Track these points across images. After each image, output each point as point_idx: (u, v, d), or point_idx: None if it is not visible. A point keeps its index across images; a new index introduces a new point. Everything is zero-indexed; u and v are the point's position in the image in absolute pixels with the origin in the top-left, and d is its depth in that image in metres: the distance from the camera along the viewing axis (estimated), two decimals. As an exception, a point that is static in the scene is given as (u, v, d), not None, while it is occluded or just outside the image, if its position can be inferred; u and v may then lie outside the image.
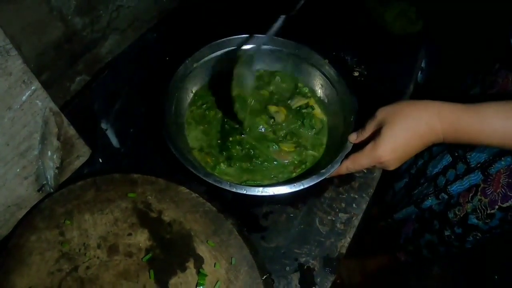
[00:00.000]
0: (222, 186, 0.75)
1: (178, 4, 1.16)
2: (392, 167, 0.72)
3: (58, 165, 0.77)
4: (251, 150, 0.88)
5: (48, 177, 0.76)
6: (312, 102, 0.97)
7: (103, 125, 0.91)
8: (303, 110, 0.95)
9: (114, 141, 0.89)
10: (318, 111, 0.96)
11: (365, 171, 0.90)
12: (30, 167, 0.73)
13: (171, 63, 0.92)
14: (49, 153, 0.75)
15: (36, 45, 0.83)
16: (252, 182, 0.84)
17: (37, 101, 0.71)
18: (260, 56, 0.98)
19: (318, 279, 0.78)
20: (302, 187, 0.77)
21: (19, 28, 0.77)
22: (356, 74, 1.06)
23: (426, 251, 1.22)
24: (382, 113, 0.71)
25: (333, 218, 0.84)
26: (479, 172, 0.94)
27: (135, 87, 0.98)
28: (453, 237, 1.06)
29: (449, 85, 1.23)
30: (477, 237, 1.00)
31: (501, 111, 0.63)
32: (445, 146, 1.07)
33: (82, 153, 0.83)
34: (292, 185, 0.77)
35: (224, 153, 0.87)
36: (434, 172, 1.12)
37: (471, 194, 0.97)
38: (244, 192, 0.75)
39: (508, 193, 0.88)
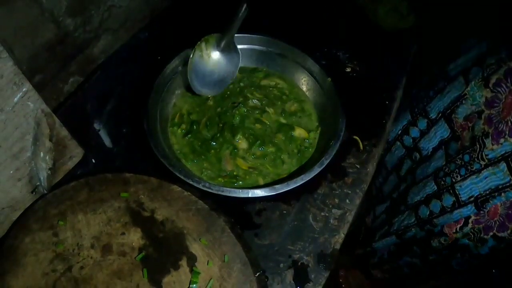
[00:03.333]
0: (200, 187, 0.78)
1: (170, 3, 1.16)
2: None
3: (51, 166, 0.77)
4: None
5: (41, 178, 0.76)
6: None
7: (96, 126, 0.91)
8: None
9: (107, 141, 0.89)
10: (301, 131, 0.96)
11: (358, 166, 0.90)
12: (23, 168, 0.73)
13: (163, 62, 0.93)
14: (42, 154, 0.75)
15: (29, 47, 0.83)
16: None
17: (29, 103, 0.71)
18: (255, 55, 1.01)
19: (313, 275, 0.78)
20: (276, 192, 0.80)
21: (11, 30, 0.77)
22: (349, 69, 1.06)
23: (407, 270, 1.18)
24: None
25: (327, 214, 0.84)
26: (473, 207, 0.90)
27: (127, 87, 0.98)
28: (440, 259, 1.03)
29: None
30: (465, 257, 0.97)
31: None
32: (431, 172, 1.04)
33: (75, 153, 0.83)
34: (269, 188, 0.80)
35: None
36: (416, 200, 1.08)
37: (459, 225, 0.94)
38: (222, 193, 0.78)
39: (506, 223, 0.85)
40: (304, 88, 1.01)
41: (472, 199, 0.91)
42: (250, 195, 0.78)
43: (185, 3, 1.17)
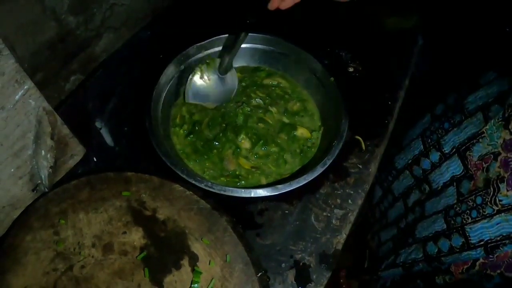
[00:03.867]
0: (202, 186, 0.78)
1: (172, 2, 1.16)
2: None
3: (52, 165, 0.77)
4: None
5: (43, 176, 0.76)
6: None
7: (98, 124, 0.91)
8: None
9: (109, 139, 0.89)
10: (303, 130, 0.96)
11: (360, 166, 0.90)
12: (24, 166, 0.73)
13: (165, 61, 0.92)
14: (43, 153, 0.75)
15: (30, 45, 0.82)
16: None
17: (30, 101, 0.70)
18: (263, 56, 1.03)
19: (314, 276, 0.78)
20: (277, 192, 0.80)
21: (12, 28, 0.76)
22: (351, 69, 1.06)
23: None
24: None
25: (329, 214, 0.84)
26: (482, 251, 0.87)
27: (129, 85, 0.98)
28: None
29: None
30: None
31: None
32: (441, 209, 1.01)
33: (77, 152, 0.83)
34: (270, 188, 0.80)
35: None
36: (424, 235, 1.05)
37: (466, 266, 0.91)
38: (224, 192, 0.79)
39: None
40: (307, 88, 1.01)
41: (482, 243, 0.88)
42: (252, 195, 0.78)
43: (186, 2, 1.16)
